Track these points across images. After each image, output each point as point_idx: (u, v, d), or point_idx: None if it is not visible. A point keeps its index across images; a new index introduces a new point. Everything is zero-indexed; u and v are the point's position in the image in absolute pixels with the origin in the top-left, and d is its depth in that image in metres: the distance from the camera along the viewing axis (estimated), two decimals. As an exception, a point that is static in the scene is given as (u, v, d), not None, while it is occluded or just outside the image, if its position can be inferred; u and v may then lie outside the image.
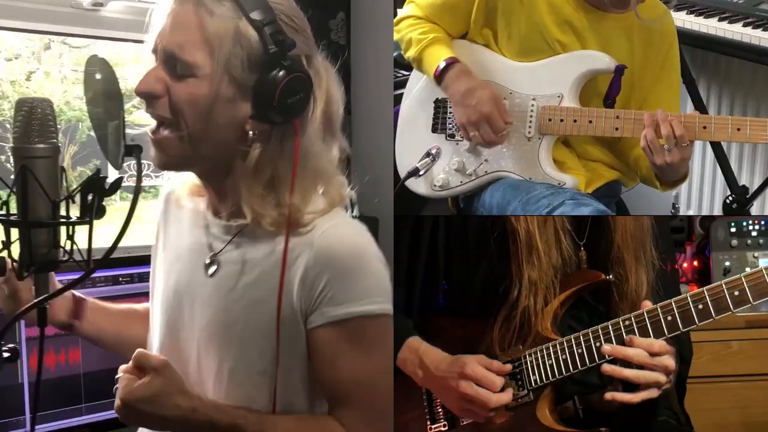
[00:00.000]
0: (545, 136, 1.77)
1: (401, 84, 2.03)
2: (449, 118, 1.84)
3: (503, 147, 1.79)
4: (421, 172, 1.83)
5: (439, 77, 1.80)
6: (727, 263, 2.45)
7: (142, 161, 1.12)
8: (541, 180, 1.75)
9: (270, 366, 1.22)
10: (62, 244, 1.04)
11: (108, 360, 1.68)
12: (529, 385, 1.40)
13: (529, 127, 1.77)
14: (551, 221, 1.44)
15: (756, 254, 2.46)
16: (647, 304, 1.37)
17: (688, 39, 2.28)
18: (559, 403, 1.43)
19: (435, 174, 1.85)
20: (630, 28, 1.76)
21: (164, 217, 1.43)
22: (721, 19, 2.24)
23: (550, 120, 1.75)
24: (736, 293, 1.30)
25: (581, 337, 1.38)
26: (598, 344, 1.36)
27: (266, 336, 1.21)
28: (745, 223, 2.47)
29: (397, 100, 2.00)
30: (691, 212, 2.67)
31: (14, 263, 1.02)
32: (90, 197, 1.00)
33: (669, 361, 1.35)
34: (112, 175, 1.09)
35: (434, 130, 1.87)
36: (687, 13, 2.31)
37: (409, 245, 1.51)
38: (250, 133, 1.19)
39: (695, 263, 2.57)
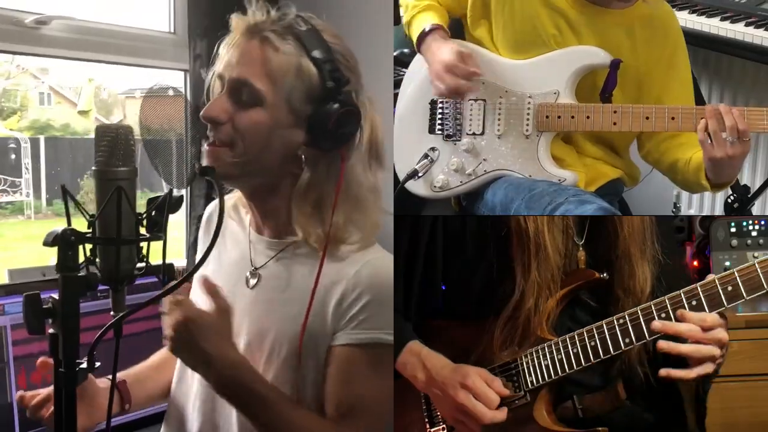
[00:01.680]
0: (543, 133, 1.77)
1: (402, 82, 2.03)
2: (445, 118, 1.85)
3: (502, 146, 1.79)
4: (420, 174, 1.84)
5: (419, 42, 1.80)
6: (728, 263, 2.44)
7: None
8: (541, 177, 1.75)
9: (295, 377, 1.33)
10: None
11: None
12: (525, 386, 1.39)
13: (527, 124, 1.77)
14: (558, 221, 1.44)
15: (756, 254, 2.44)
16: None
17: (690, 38, 2.25)
18: (557, 403, 1.42)
19: (434, 175, 1.85)
20: (631, 25, 1.75)
21: (206, 232, 1.56)
22: (723, 19, 2.24)
23: (547, 117, 1.75)
24: (729, 288, 1.29)
25: (576, 336, 1.37)
26: (593, 343, 1.36)
27: (295, 350, 1.32)
28: (745, 223, 2.46)
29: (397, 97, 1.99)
30: (692, 212, 2.66)
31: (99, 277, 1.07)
32: (153, 214, 1.08)
33: (722, 334, 1.32)
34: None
35: (431, 131, 1.87)
36: (689, 13, 2.31)
37: (408, 246, 1.51)
38: (303, 157, 1.32)
39: (695, 263, 2.56)
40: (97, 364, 1.05)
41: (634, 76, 1.77)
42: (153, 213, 1.08)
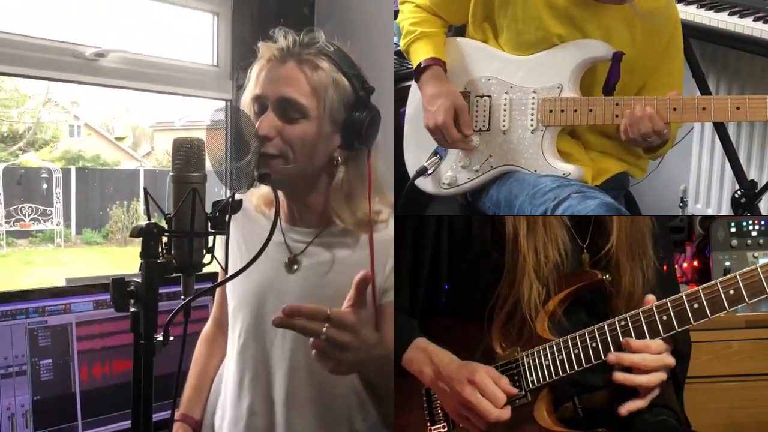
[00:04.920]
0: (548, 127, 1.77)
1: (411, 75, 2.02)
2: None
3: (507, 141, 1.80)
4: (429, 171, 1.85)
5: (417, 76, 1.83)
6: (727, 263, 2.44)
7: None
8: (546, 172, 1.75)
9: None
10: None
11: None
12: (526, 386, 1.40)
13: (531, 119, 1.78)
14: (549, 221, 1.44)
15: (756, 254, 2.45)
16: (650, 300, 1.37)
17: (698, 33, 2.27)
18: (558, 403, 1.43)
19: (443, 172, 1.87)
20: (631, 18, 1.75)
21: (237, 225, 1.65)
22: (731, 13, 2.23)
23: (551, 111, 1.76)
24: (731, 292, 1.29)
25: (577, 337, 1.38)
26: (594, 344, 1.37)
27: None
28: (745, 223, 2.46)
29: (407, 90, 2.00)
30: (699, 206, 2.66)
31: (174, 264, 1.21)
32: (218, 214, 1.24)
33: (669, 360, 1.37)
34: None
35: (440, 128, 1.88)
36: (697, 7, 2.30)
37: (413, 245, 1.52)
38: (339, 158, 1.51)
39: (695, 263, 2.56)
40: (171, 338, 1.19)
41: (628, 67, 1.78)
42: (217, 213, 1.23)
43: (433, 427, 1.46)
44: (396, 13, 2.23)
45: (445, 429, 1.45)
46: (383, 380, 1.35)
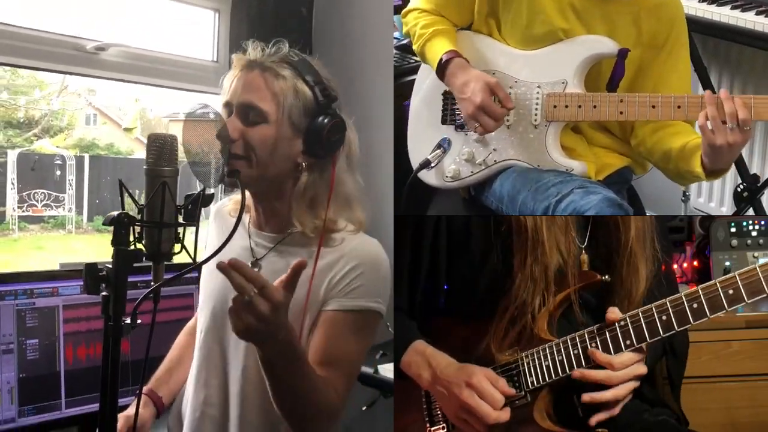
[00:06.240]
0: (552, 123, 1.77)
1: (413, 70, 2.04)
2: (457, 109, 1.85)
3: (511, 136, 1.79)
4: (432, 164, 1.85)
5: (440, 72, 1.81)
6: (727, 263, 2.43)
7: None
8: (549, 167, 1.75)
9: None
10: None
11: (133, 353, 1.98)
12: (525, 386, 1.40)
13: (535, 114, 1.77)
14: (550, 222, 1.44)
15: (756, 254, 2.43)
16: (615, 314, 1.38)
17: (700, 27, 2.26)
18: (558, 403, 1.43)
19: (446, 165, 1.87)
20: (638, 14, 1.74)
21: (216, 227, 1.76)
22: (733, 8, 2.24)
23: (555, 107, 1.75)
24: (731, 291, 1.29)
25: (577, 338, 1.38)
26: (593, 345, 1.37)
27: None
28: (745, 223, 2.45)
29: (410, 85, 2.00)
30: (701, 200, 2.66)
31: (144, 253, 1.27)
32: (190, 207, 1.29)
33: (639, 370, 1.38)
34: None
35: (443, 121, 1.88)
36: (699, 1, 2.31)
37: (412, 245, 1.52)
38: (303, 164, 1.55)
39: (695, 263, 2.55)
40: (139, 320, 1.23)
41: (636, 66, 1.77)
42: (189, 206, 1.28)
43: (432, 428, 1.46)
44: (396, 9, 2.23)
45: (445, 430, 1.46)
46: (281, 363, 1.38)
